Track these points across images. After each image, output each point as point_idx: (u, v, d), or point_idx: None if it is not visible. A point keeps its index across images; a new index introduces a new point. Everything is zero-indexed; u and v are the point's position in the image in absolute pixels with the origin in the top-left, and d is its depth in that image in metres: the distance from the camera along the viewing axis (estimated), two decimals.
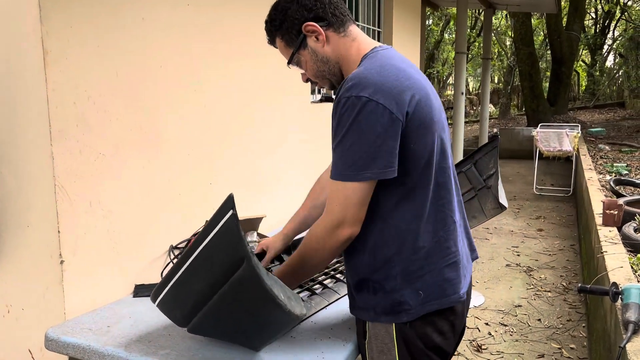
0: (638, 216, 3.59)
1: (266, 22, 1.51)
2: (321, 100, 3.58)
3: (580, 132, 7.88)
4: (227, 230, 1.21)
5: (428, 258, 1.39)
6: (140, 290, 1.90)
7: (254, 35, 2.62)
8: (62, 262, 1.66)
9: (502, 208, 2.54)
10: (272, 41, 1.53)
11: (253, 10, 2.60)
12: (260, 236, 2.33)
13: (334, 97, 1.41)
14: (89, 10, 1.70)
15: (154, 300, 1.42)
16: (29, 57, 1.57)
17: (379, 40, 4.73)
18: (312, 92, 3.46)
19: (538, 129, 8.14)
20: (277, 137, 2.90)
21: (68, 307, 1.69)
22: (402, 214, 1.37)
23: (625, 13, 20.95)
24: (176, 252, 2.11)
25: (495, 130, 12.84)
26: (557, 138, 7.48)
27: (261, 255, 1.91)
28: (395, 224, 1.37)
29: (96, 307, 1.78)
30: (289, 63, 1.52)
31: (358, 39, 1.47)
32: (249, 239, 2.27)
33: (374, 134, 1.26)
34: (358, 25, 4.06)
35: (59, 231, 1.65)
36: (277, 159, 2.91)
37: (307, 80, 1.57)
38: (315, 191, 1.90)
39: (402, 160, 1.31)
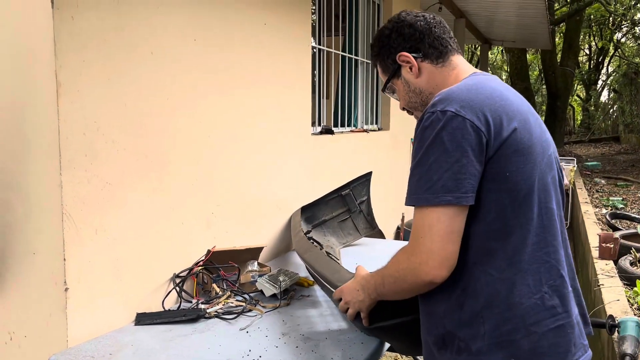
0: (634, 250, 3.62)
1: (370, 45, 1.51)
2: (321, 133, 3.64)
3: (576, 165, 7.96)
4: None
5: (526, 318, 1.15)
6: (142, 319, 1.91)
7: (258, 67, 2.69)
8: (66, 289, 1.68)
9: (373, 228, 3.14)
10: (374, 65, 1.52)
11: (255, 43, 2.68)
12: (261, 265, 2.36)
13: (335, 129, 1.42)
14: (101, 45, 1.77)
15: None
16: (43, 89, 1.63)
17: (377, 75, 4.82)
18: (312, 124, 3.53)
19: None
20: (277, 168, 2.95)
21: (71, 335, 1.71)
22: (494, 259, 1.16)
23: (619, 50, 21.37)
24: (177, 280, 2.13)
25: None
26: None
27: None
28: (485, 271, 1.17)
29: (98, 335, 1.79)
30: (383, 90, 1.51)
31: (458, 68, 1.39)
32: (249, 268, 2.30)
33: (459, 151, 1.11)
34: (357, 60, 4.11)
35: (64, 259, 1.67)
36: (277, 190, 2.95)
37: (402, 109, 1.51)
38: None
39: (495, 190, 1.15)
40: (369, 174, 3.14)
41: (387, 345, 1.83)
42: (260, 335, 1.83)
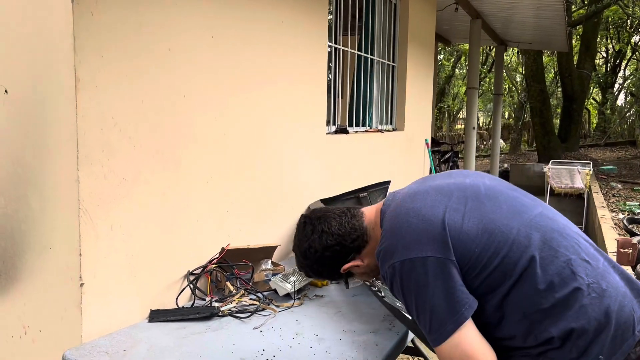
0: None
1: (301, 268, 1.59)
2: (336, 132, 3.63)
3: (592, 169, 7.86)
4: None
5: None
6: (156, 316, 1.91)
7: (274, 65, 2.68)
8: (82, 284, 1.68)
9: None
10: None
11: (272, 41, 2.67)
12: (274, 264, 2.35)
13: (349, 128, 1.47)
14: (119, 41, 1.77)
15: None
16: (62, 84, 1.63)
17: (393, 75, 4.80)
18: (327, 123, 3.51)
19: (550, 165, 8.14)
20: (292, 167, 2.94)
21: (85, 330, 1.71)
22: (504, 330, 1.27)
23: (636, 53, 21.09)
24: (191, 278, 2.12)
25: (505, 165, 12.83)
26: (569, 175, 7.47)
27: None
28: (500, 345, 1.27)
29: (112, 331, 1.79)
30: (347, 288, 1.70)
31: (371, 217, 1.51)
32: (263, 266, 2.30)
33: (429, 287, 1.23)
34: (372, 60, 4.07)
35: (80, 254, 1.67)
36: (291, 189, 2.94)
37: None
38: None
39: (486, 281, 1.25)
40: (387, 182, 3.22)
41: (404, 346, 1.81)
42: (273, 334, 1.81)
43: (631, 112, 21.78)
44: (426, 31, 5.36)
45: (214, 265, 2.18)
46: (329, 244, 1.48)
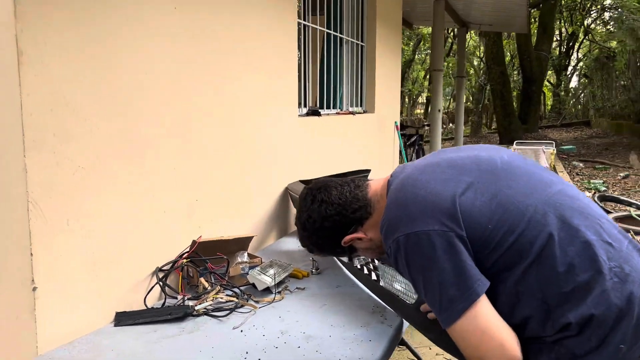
0: (632, 232, 3.56)
1: (302, 242, 1.47)
2: (307, 114, 3.46)
3: (555, 149, 7.96)
4: None
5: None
6: (122, 319, 1.72)
7: (243, 43, 2.49)
8: (34, 288, 1.48)
9: None
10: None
11: (242, 17, 2.47)
12: (251, 256, 2.19)
13: (321, 110, 1.33)
14: (71, 10, 1.54)
15: None
16: (2, 58, 1.40)
17: (362, 56, 4.65)
18: (299, 105, 3.34)
19: (514, 146, 8.19)
20: (265, 151, 2.76)
21: (41, 340, 1.51)
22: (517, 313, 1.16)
23: (589, 35, 21.63)
24: (161, 274, 1.93)
25: None
26: (534, 155, 7.52)
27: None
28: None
29: (73, 339, 1.60)
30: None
31: (376, 190, 1.38)
32: (239, 259, 2.13)
33: (436, 262, 1.13)
34: (342, 39, 3.90)
35: (31, 254, 1.47)
36: (265, 173, 2.76)
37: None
38: None
39: (501, 259, 1.14)
40: (367, 170, 3.15)
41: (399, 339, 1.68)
42: (256, 334, 1.65)
43: (585, 93, 22.38)
44: (393, 11, 5.23)
45: (185, 260, 2.00)
46: (328, 213, 1.36)
